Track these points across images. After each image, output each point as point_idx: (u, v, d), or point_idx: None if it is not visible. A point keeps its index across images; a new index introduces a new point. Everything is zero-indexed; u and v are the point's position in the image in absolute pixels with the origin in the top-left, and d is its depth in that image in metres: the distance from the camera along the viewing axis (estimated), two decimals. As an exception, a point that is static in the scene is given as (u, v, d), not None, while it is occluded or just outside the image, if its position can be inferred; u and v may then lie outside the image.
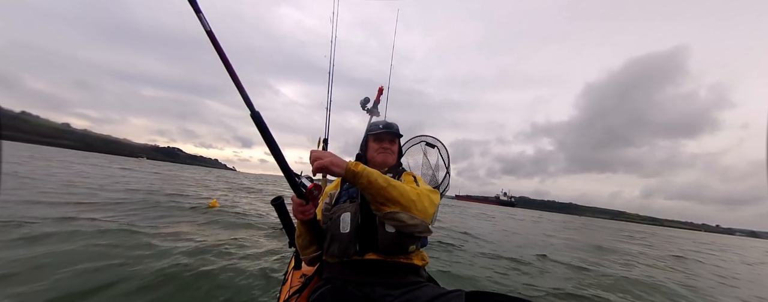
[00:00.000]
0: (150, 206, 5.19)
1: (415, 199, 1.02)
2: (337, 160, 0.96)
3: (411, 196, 1.02)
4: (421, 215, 1.02)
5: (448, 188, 1.52)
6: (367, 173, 0.96)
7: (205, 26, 0.93)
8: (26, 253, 2.33)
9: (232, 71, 0.94)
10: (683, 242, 16.53)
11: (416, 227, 1.01)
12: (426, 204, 1.04)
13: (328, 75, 2.73)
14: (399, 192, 0.99)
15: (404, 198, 1.00)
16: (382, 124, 1.39)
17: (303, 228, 1.16)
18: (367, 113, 2.44)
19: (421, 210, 1.02)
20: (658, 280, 4.37)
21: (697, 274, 5.67)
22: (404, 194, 1.00)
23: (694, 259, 7.95)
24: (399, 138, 1.39)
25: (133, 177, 11.47)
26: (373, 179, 0.97)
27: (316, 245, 1.18)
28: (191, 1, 0.90)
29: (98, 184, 7.96)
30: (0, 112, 0.80)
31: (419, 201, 1.02)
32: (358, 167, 0.96)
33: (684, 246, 12.57)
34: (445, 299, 0.90)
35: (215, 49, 0.93)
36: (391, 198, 0.98)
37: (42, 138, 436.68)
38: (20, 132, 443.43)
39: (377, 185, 0.96)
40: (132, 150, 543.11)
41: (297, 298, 1.19)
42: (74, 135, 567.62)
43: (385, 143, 1.36)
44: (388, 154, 1.34)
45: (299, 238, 1.19)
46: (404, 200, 1.00)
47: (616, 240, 11.28)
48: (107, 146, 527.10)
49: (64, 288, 1.88)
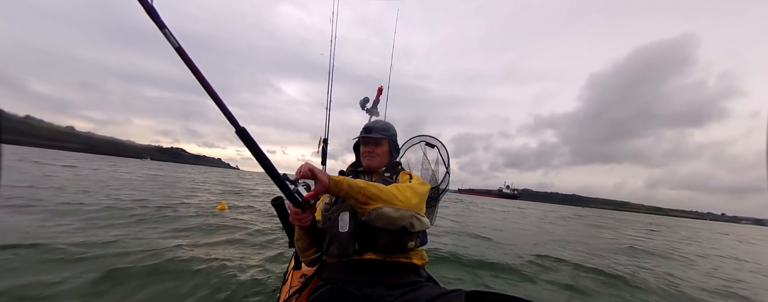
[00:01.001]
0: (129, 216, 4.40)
1: (396, 192, 1.06)
2: (318, 173, 0.97)
3: (391, 190, 1.06)
4: (405, 205, 1.04)
5: (448, 187, 1.53)
6: (347, 181, 1.01)
7: (173, 43, 0.85)
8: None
9: (208, 88, 0.88)
10: (708, 235, 15.29)
11: (403, 218, 1.02)
12: (408, 195, 1.07)
13: (328, 74, 2.73)
14: (378, 189, 1.04)
15: (384, 193, 1.04)
16: (364, 127, 1.38)
17: (301, 232, 1.17)
18: (366, 113, 2.43)
19: (404, 200, 1.04)
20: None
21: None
22: (384, 190, 1.04)
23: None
24: (387, 139, 1.35)
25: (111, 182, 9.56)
26: (353, 183, 1.01)
27: (316, 247, 1.19)
28: (154, 18, 0.82)
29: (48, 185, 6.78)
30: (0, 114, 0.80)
31: (400, 193, 1.06)
32: (337, 178, 1.01)
33: (711, 239, 11.66)
34: (444, 299, 0.90)
35: (188, 66, 0.87)
36: (371, 195, 1.01)
37: (46, 141, 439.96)
38: (25, 136, 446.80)
39: (356, 187, 1.01)
40: (136, 151, 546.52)
41: (297, 298, 1.19)
42: (78, 138, 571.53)
43: (369, 146, 1.34)
44: (373, 157, 1.33)
45: (298, 242, 1.20)
46: (384, 196, 1.03)
47: (646, 237, 9.76)
48: (111, 148, 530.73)
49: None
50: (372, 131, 1.35)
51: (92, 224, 3.66)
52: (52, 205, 4.51)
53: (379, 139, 1.34)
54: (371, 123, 1.40)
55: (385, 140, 1.35)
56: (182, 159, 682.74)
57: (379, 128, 1.37)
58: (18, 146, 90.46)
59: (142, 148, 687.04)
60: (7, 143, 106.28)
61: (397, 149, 1.43)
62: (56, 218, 3.75)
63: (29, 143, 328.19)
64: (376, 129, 1.36)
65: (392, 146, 1.40)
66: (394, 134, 1.42)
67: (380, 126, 1.38)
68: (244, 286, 2.25)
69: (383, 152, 1.35)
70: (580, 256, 4.75)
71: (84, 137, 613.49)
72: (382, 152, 1.34)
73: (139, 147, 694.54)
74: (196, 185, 12.30)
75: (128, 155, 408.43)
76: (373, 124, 1.39)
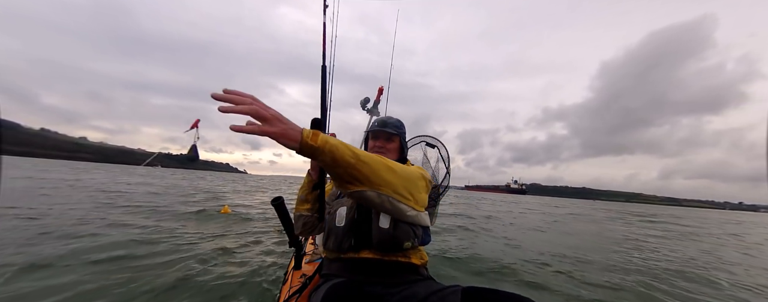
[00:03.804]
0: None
1: (386, 174, 0.87)
2: (289, 131, 0.69)
3: (383, 175, 0.86)
4: (388, 191, 0.88)
5: (448, 186, 1.52)
6: (330, 148, 0.75)
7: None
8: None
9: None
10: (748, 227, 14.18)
11: (383, 205, 0.89)
12: (401, 178, 0.91)
13: (328, 75, 2.73)
14: (370, 170, 0.83)
15: (375, 174, 0.84)
16: (378, 121, 1.34)
17: (308, 179, 1.18)
18: (367, 113, 2.42)
19: (392, 182, 0.88)
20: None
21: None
22: (375, 171, 0.84)
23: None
24: (399, 136, 1.30)
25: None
26: (338, 155, 0.76)
27: (310, 205, 1.19)
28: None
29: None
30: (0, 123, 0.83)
31: (391, 175, 0.88)
32: (317, 139, 0.72)
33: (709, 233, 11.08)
34: (442, 294, 0.91)
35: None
36: (360, 178, 0.82)
37: (62, 153, 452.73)
38: (41, 148, 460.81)
39: (344, 163, 0.78)
40: (146, 159, 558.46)
41: (297, 298, 1.19)
42: (91, 148, 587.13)
43: (380, 141, 1.30)
44: (384, 153, 1.27)
45: (301, 190, 1.21)
46: (375, 177, 0.84)
47: (636, 231, 8.27)
48: (123, 156, 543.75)
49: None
50: (387, 126, 1.30)
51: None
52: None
53: (392, 135, 1.30)
54: (386, 118, 1.37)
55: (397, 136, 1.30)
56: (192, 165, 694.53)
57: (393, 123, 1.33)
58: (34, 159, 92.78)
59: (151, 155, 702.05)
60: (25, 156, 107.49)
61: (405, 148, 1.38)
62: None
63: (44, 155, 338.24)
64: (391, 124, 1.32)
65: (402, 144, 1.35)
66: (404, 131, 1.37)
67: (394, 122, 1.34)
68: (244, 286, 2.27)
69: (394, 148, 1.30)
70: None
71: (97, 147, 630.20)
72: (393, 148, 1.30)
73: (150, 155, 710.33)
74: (250, 187, 12.34)
75: (140, 163, 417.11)
76: (387, 118, 1.36)
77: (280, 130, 0.67)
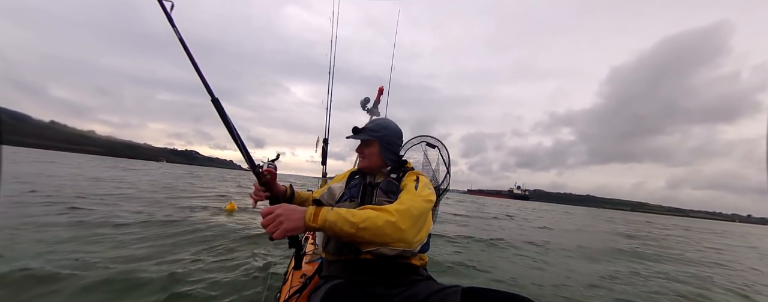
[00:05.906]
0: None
1: (390, 232, 0.89)
2: (291, 223, 0.85)
3: (386, 231, 0.89)
4: (402, 245, 0.93)
5: (448, 188, 1.49)
6: (330, 225, 0.87)
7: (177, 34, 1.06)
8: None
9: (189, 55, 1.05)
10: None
11: (396, 252, 1.00)
12: (405, 227, 0.92)
13: (329, 74, 2.73)
14: (372, 234, 0.89)
15: (378, 237, 0.90)
16: (354, 126, 1.30)
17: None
18: (367, 113, 2.41)
19: (400, 239, 0.92)
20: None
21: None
22: (378, 234, 0.89)
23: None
24: (375, 140, 1.24)
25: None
26: (338, 229, 0.88)
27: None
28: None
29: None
30: (0, 112, 0.83)
31: (396, 232, 0.90)
32: (318, 219, 0.87)
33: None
34: (442, 294, 0.92)
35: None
36: (364, 243, 0.92)
37: (71, 145, 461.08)
38: (52, 141, 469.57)
39: (346, 235, 0.89)
40: (152, 154, 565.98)
41: (297, 298, 1.19)
42: (99, 141, 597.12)
43: (359, 147, 1.29)
44: (364, 159, 1.27)
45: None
46: (379, 239, 0.90)
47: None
48: (129, 150, 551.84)
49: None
50: (359, 132, 1.27)
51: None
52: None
53: (367, 140, 1.25)
54: (371, 121, 1.35)
55: (373, 141, 1.24)
56: (196, 161, 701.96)
57: (368, 128, 1.28)
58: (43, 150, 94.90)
59: (158, 151, 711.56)
60: (34, 147, 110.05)
61: (391, 150, 1.29)
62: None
63: (55, 148, 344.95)
64: (367, 129, 1.28)
65: (383, 147, 1.26)
66: (386, 133, 1.27)
67: (370, 126, 1.30)
68: (244, 286, 2.26)
69: (372, 153, 1.26)
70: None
71: (104, 140, 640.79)
72: (370, 153, 1.26)
73: (156, 150, 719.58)
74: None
75: (145, 157, 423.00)
76: (370, 121, 1.35)
77: (291, 227, 0.86)
